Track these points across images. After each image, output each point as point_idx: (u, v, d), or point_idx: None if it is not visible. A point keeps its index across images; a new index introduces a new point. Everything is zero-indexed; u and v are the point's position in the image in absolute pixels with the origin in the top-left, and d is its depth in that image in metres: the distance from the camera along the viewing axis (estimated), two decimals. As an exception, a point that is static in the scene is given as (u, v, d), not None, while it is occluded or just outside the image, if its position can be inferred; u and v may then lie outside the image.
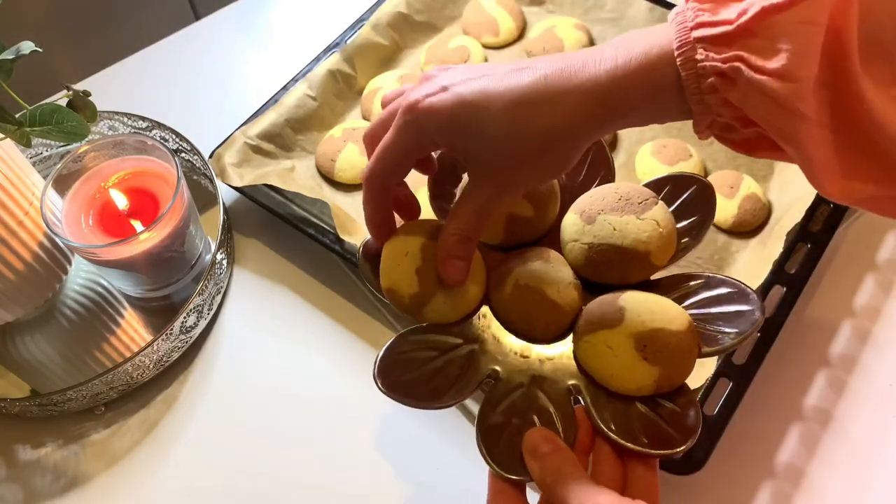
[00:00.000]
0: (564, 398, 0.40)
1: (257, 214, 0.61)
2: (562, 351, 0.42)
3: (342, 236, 0.55)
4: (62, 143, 0.63)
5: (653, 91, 0.34)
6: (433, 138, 0.37)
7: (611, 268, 0.43)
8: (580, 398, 0.40)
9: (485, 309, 0.44)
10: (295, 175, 0.61)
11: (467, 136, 0.36)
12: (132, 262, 0.51)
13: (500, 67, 0.36)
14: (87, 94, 0.47)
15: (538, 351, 0.42)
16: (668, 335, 0.39)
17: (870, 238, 0.59)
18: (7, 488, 0.51)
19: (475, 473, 0.50)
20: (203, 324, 0.56)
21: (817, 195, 0.55)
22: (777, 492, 0.49)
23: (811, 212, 0.55)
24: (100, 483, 0.51)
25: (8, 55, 0.44)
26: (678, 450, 0.37)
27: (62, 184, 0.53)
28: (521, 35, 0.71)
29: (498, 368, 0.41)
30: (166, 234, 0.51)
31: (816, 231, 0.55)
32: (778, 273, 0.53)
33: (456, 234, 0.39)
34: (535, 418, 0.39)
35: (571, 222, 0.44)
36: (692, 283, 0.43)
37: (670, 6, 0.68)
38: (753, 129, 0.34)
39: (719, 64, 0.32)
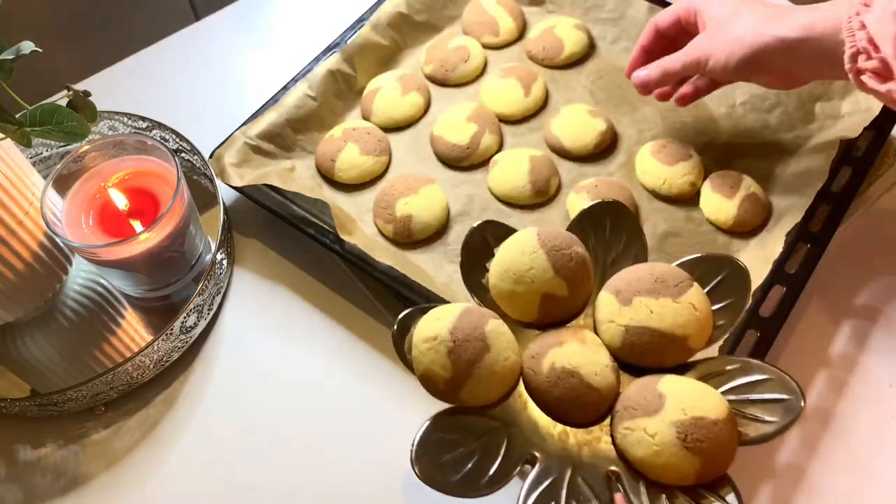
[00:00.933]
0: (603, 485, 0.39)
1: (257, 214, 0.61)
2: (600, 436, 0.41)
3: (342, 236, 0.55)
4: (62, 143, 0.63)
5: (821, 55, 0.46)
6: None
7: (648, 351, 0.42)
8: (619, 485, 0.39)
9: (521, 389, 0.43)
10: (295, 175, 0.61)
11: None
12: (132, 262, 0.51)
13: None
14: (87, 94, 0.47)
15: (576, 435, 0.41)
16: (710, 424, 0.38)
17: (870, 238, 0.59)
18: (7, 488, 0.51)
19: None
20: (203, 324, 0.56)
21: (817, 195, 0.55)
22: (777, 492, 0.49)
23: (811, 212, 0.55)
24: (100, 483, 0.51)
25: (8, 55, 0.44)
26: None
27: (62, 184, 0.53)
28: (521, 35, 0.71)
29: (536, 454, 0.40)
30: (166, 234, 0.51)
31: (816, 231, 0.55)
32: (778, 273, 0.53)
33: (663, 60, 0.54)
34: None
35: (607, 302, 0.44)
36: (728, 367, 0.42)
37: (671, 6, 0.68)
38: None
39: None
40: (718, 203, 0.58)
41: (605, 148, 0.63)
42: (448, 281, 0.55)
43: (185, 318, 0.53)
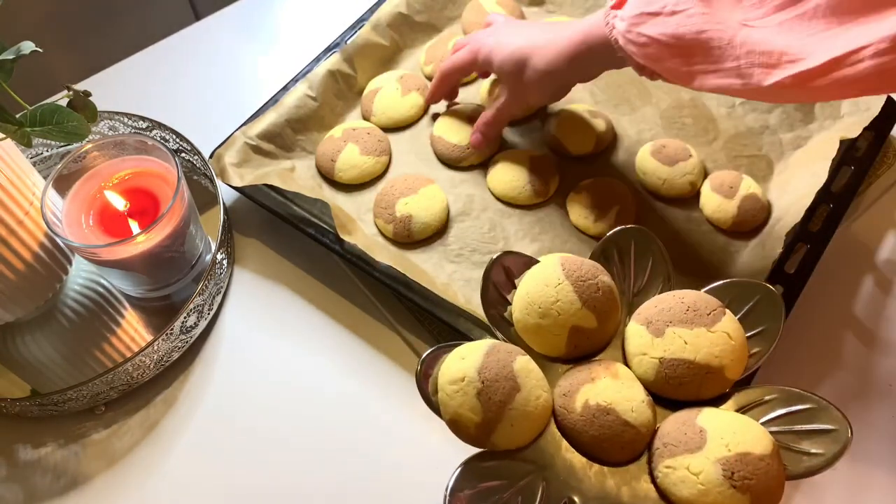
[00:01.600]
0: None
1: (257, 214, 0.61)
2: (639, 475, 0.40)
3: (342, 236, 0.55)
4: (62, 143, 0.63)
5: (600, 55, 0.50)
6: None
7: (684, 384, 0.41)
8: None
9: (553, 429, 0.42)
10: (295, 175, 0.61)
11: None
12: (132, 263, 0.51)
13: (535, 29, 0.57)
14: (87, 94, 0.47)
15: (614, 475, 0.40)
16: (756, 460, 0.37)
17: (870, 238, 0.59)
18: (7, 488, 0.51)
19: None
20: (203, 324, 0.56)
21: (817, 195, 0.55)
22: (777, 492, 0.49)
23: (811, 212, 0.55)
24: (100, 483, 0.51)
25: (8, 55, 0.44)
26: None
27: (63, 184, 0.53)
28: (521, 35, 0.71)
29: (575, 497, 0.39)
30: (166, 234, 0.51)
31: (816, 231, 0.55)
32: (778, 273, 0.53)
33: (483, 118, 0.60)
34: None
35: (637, 334, 0.43)
36: (768, 397, 0.41)
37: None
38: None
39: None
40: (718, 203, 0.58)
41: (605, 148, 0.63)
42: (448, 281, 0.55)
43: (185, 318, 0.53)
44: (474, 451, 0.41)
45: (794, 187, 0.58)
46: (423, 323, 0.55)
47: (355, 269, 0.57)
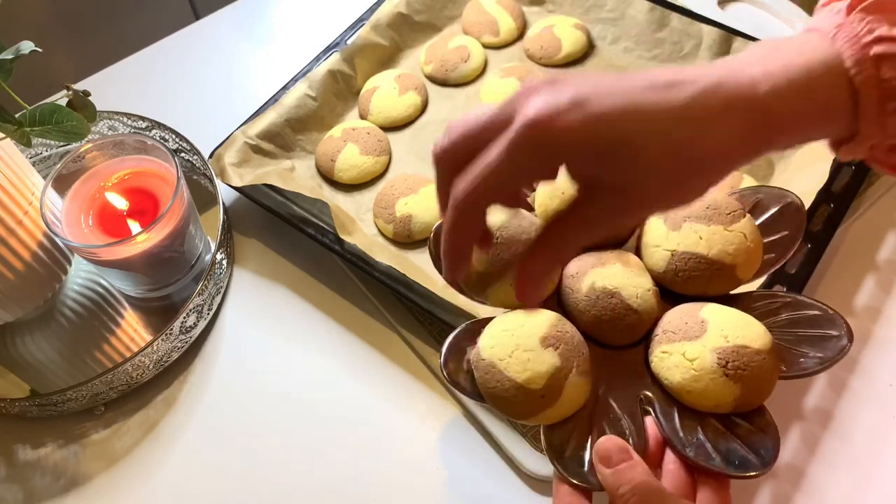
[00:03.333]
0: (634, 408, 0.39)
1: (257, 214, 0.61)
2: (635, 358, 0.41)
3: (342, 236, 0.55)
4: (62, 143, 0.63)
5: (817, 112, 0.31)
6: (564, 160, 0.31)
7: (693, 277, 0.41)
8: (651, 409, 0.39)
9: (553, 304, 0.42)
10: (295, 175, 0.61)
11: (613, 159, 0.30)
12: (132, 263, 0.51)
13: (638, 79, 0.31)
14: (86, 94, 0.47)
15: (610, 356, 0.41)
16: (752, 353, 0.37)
17: (870, 238, 0.59)
18: (7, 488, 0.51)
19: (476, 476, 0.50)
20: (203, 324, 0.56)
21: (818, 195, 0.55)
22: (777, 492, 0.49)
23: (811, 212, 0.55)
24: (100, 483, 0.51)
25: (8, 55, 0.44)
26: (756, 473, 0.35)
27: (62, 184, 0.53)
28: (521, 35, 0.71)
29: None
30: (166, 234, 0.51)
31: (816, 231, 0.55)
32: (778, 273, 0.53)
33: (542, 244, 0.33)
34: (606, 427, 0.38)
35: (654, 227, 0.43)
36: (774, 301, 0.41)
37: (671, 6, 0.68)
38: None
39: None
40: (718, 203, 0.57)
41: (605, 148, 0.63)
42: (448, 281, 0.55)
43: (184, 318, 0.53)
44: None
45: (795, 187, 0.58)
46: (423, 323, 0.55)
47: (355, 270, 0.57)
